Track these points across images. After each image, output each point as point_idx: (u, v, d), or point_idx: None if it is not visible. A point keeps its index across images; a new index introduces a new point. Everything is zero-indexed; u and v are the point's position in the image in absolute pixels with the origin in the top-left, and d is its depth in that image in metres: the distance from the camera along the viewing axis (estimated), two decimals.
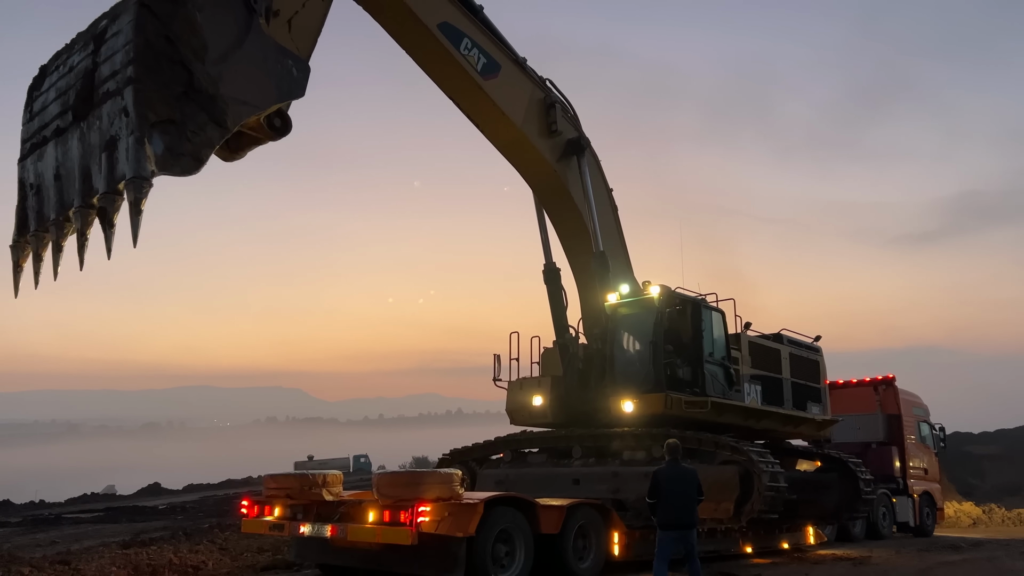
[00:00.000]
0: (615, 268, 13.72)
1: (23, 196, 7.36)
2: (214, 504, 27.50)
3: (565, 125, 13.23)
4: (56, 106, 7.08)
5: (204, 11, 6.78)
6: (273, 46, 7.47)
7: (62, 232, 6.97)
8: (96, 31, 6.91)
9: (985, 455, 50.27)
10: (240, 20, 7.16)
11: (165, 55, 6.47)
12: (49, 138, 7.07)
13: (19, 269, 7.30)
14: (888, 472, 19.69)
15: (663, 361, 12.66)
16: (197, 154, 6.59)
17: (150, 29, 6.43)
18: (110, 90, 6.51)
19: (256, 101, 7.18)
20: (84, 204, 6.69)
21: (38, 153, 7.19)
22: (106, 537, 15.83)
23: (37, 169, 7.22)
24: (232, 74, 6.90)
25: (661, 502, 9.27)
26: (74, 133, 6.83)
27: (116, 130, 6.41)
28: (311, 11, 8.26)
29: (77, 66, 6.94)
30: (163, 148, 6.31)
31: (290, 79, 7.52)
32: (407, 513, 8.65)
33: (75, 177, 6.78)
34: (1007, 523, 27.85)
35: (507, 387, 14.30)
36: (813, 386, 15.92)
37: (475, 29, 11.43)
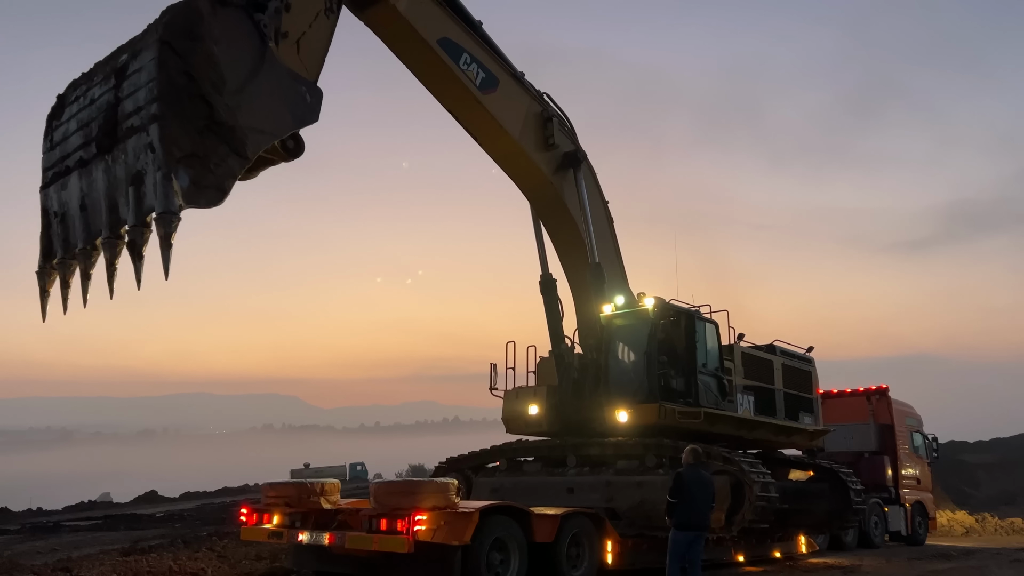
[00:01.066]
0: (610, 279, 13.91)
1: (47, 223, 7.57)
2: (212, 512, 27.52)
3: (562, 138, 13.44)
4: (78, 137, 7.28)
5: (220, 44, 7.01)
6: (286, 73, 7.70)
7: (89, 261, 7.20)
8: (117, 65, 7.10)
9: (980, 464, 50.39)
10: (255, 50, 7.40)
11: (186, 91, 6.71)
12: (72, 168, 7.27)
13: (46, 294, 7.53)
14: (880, 481, 19.84)
15: (657, 372, 12.84)
16: (221, 185, 6.87)
17: (172, 66, 6.67)
18: (134, 125, 6.73)
19: (273, 129, 7.44)
20: (112, 235, 6.95)
21: (61, 183, 7.39)
22: (105, 544, 15.90)
23: (61, 198, 7.42)
24: (249, 104, 7.13)
25: (682, 503, 9.62)
26: (98, 165, 7.03)
27: (142, 165, 6.65)
28: (318, 31, 8.45)
29: (99, 99, 7.14)
30: (189, 182, 6.56)
31: (304, 105, 7.76)
32: (404, 521, 8.81)
33: (102, 208, 7.00)
34: (1000, 532, 27.99)
35: (503, 396, 14.48)
36: (805, 396, 16.10)
37: (474, 44, 11.64)
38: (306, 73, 8.16)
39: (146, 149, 6.60)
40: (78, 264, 7.29)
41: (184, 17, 6.87)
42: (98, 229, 7.05)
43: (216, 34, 6.99)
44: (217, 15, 7.05)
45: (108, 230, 6.96)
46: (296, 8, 8.14)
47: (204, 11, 6.94)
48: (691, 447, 10.18)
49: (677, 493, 9.66)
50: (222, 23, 7.09)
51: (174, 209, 6.52)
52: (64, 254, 7.36)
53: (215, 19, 7.01)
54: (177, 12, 6.90)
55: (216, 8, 7.07)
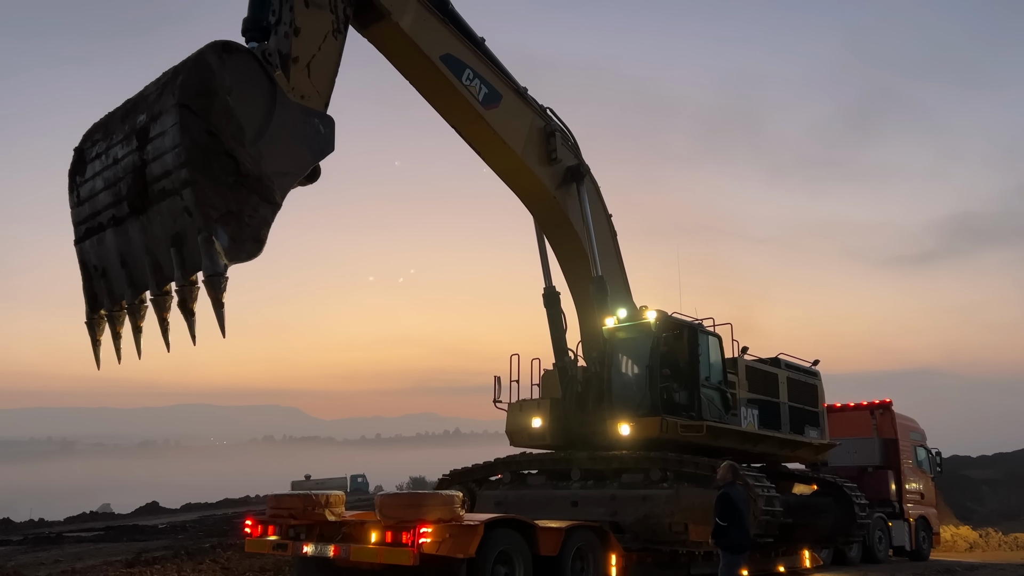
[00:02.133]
0: (613, 292, 13.94)
1: (88, 277, 7.86)
2: (214, 523, 27.49)
3: (565, 153, 13.51)
4: (108, 196, 7.50)
5: (234, 93, 7.17)
6: (298, 110, 7.86)
7: (139, 315, 7.56)
8: (136, 126, 7.23)
9: (984, 479, 50.21)
10: (266, 92, 7.57)
11: (212, 150, 6.92)
12: (106, 225, 7.54)
13: (98, 343, 7.83)
14: (884, 496, 19.79)
15: (659, 385, 12.85)
16: (257, 236, 7.18)
17: (193, 128, 6.85)
18: (166, 188, 6.97)
19: (295, 169, 7.66)
20: (160, 293, 7.28)
21: (97, 238, 7.68)
22: (108, 556, 15.90)
23: (98, 253, 7.72)
24: (270, 149, 7.34)
25: (734, 524, 9.17)
26: (133, 224, 7.31)
27: (181, 227, 6.95)
28: (328, 52, 8.54)
29: (122, 159, 7.31)
30: (228, 240, 6.89)
31: (320, 137, 7.93)
32: (409, 534, 8.82)
33: (145, 266, 7.32)
34: (1004, 547, 27.87)
35: (507, 408, 14.50)
36: (811, 410, 16.09)
37: (476, 60, 11.72)
38: (318, 96, 8.29)
39: (183, 213, 6.87)
40: (128, 317, 7.63)
41: (197, 76, 7.01)
42: (143, 285, 7.38)
43: (228, 84, 7.16)
44: (226, 64, 7.21)
45: (156, 288, 7.28)
46: (305, 31, 8.26)
47: (214, 64, 7.10)
48: (728, 463, 9.74)
49: (729, 515, 9.13)
50: (232, 71, 7.26)
51: (221, 271, 6.82)
52: (112, 307, 7.69)
53: (225, 69, 7.18)
54: (190, 71, 7.04)
55: (224, 57, 7.23)
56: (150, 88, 7.44)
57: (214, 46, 7.23)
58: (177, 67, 7.23)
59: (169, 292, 7.24)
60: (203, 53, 7.12)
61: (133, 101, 7.48)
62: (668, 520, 11.90)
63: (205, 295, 7.02)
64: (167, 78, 7.21)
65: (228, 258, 6.86)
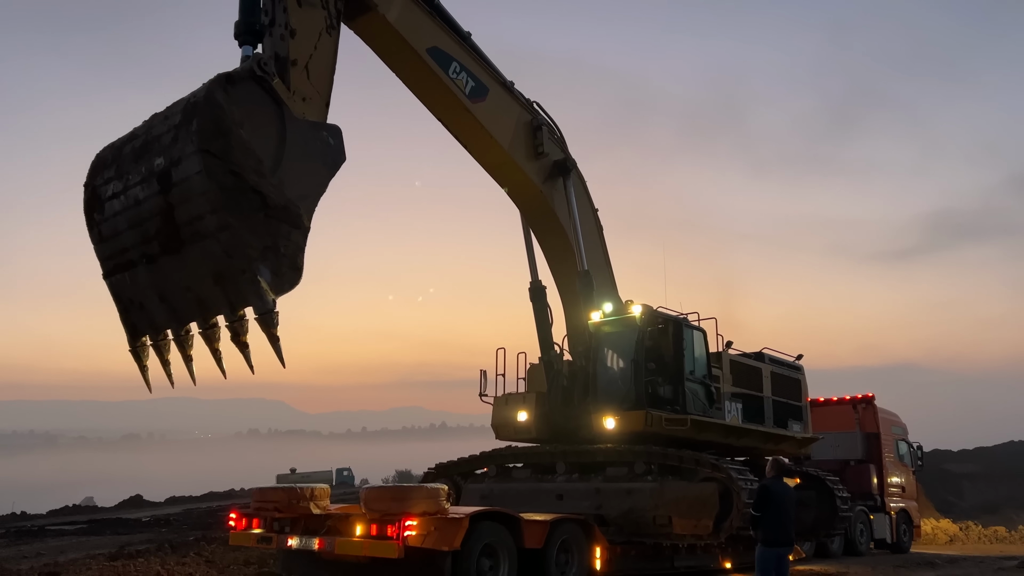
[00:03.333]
0: (599, 287, 14.00)
1: (124, 309, 7.98)
2: (198, 517, 27.38)
3: (552, 147, 13.54)
4: (134, 235, 7.57)
5: (246, 125, 7.23)
6: (306, 126, 7.91)
7: (188, 345, 7.75)
8: (155, 169, 7.24)
9: (964, 473, 50.70)
10: (275, 117, 7.64)
11: (238, 189, 7.03)
12: (137, 262, 7.65)
13: (145, 368, 8.03)
14: (866, 490, 19.98)
15: (644, 379, 12.91)
16: (294, 264, 7.38)
17: (218, 171, 6.93)
18: (200, 231, 7.10)
19: (315, 188, 7.75)
20: (208, 326, 7.49)
21: (129, 274, 7.78)
22: (91, 549, 15.80)
23: (132, 287, 7.82)
24: (289, 174, 7.44)
25: (768, 517, 9.08)
26: (168, 262, 7.40)
27: (222, 268, 7.13)
28: (324, 51, 8.56)
29: (145, 201, 7.36)
30: (270, 275, 7.13)
31: (331, 150, 7.97)
32: (394, 527, 8.83)
33: (186, 301, 7.51)
34: (983, 540, 28.21)
35: (493, 402, 14.53)
36: (794, 404, 16.22)
37: (463, 53, 11.72)
38: (319, 97, 8.33)
39: (223, 255, 7.04)
40: (177, 348, 7.83)
41: (211, 117, 7.04)
42: (187, 317, 7.60)
43: (239, 117, 7.21)
44: (233, 97, 7.25)
45: (204, 322, 7.49)
46: (300, 32, 8.27)
47: (223, 100, 7.13)
48: (774, 458, 9.71)
49: (762, 506, 9.10)
50: (240, 103, 7.31)
51: (271, 307, 7.10)
52: (156, 337, 7.89)
53: (233, 103, 7.22)
54: (203, 114, 7.05)
55: (229, 91, 7.26)
56: (158, 127, 7.43)
57: (219, 81, 7.26)
58: (187, 108, 7.22)
59: (216, 324, 7.45)
60: (211, 91, 7.14)
61: (143, 141, 7.49)
62: (652, 513, 11.99)
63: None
64: (179, 120, 7.20)
65: (273, 292, 7.11)
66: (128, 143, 7.65)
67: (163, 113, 7.52)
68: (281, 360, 7.24)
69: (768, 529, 9.09)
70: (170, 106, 7.51)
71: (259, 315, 7.11)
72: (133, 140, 7.61)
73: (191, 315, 7.59)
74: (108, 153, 7.84)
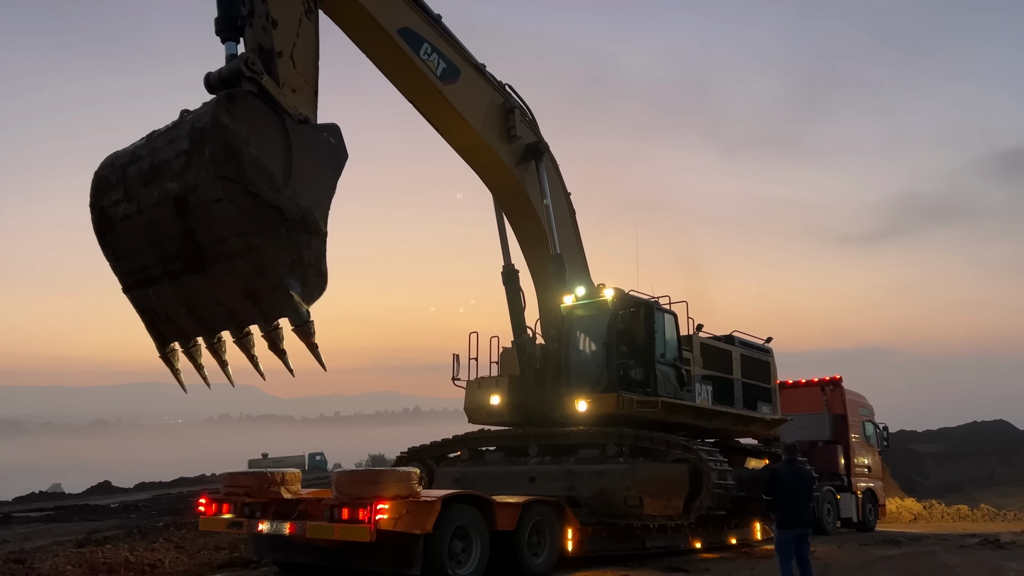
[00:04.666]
0: (572, 270, 14.02)
1: (150, 320, 8.11)
2: (168, 502, 27.17)
3: (524, 130, 13.49)
4: (155, 253, 7.65)
5: (254, 142, 7.27)
6: (308, 131, 7.95)
7: (221, 352, 8.00)
8: (169, 194, 7.28)
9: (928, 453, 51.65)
10: (278, 127, 7.67)
11: (257, 209, 7.17)
12: (159, 278, 7.76)
13: (177, 371, 8.30)
14: (833, 470, 20.30)
15: (616, 362, 12.99)
16: (319, 271, 7.58)
17: (236, 196, 7.05)
18: (225, 252, 7.24)
19: (326, 192, 7.85)
20: (242, 335, 7.69)
21: (153, 289, 7.88)
22: (59, 536, 15.62)
23: (157, 301, 7.93)
24: (300, 183, 7.53)
25: (780, 501, 9.33)
26: (192, 279, 7.53)
27: (253, 286, 7.32)
28: (306, 38, 8.51)
29: (162, 223, 7.43)
30: (299, 287, 7.37)
31: (333, 149, 8.04)
32: (366, 511, 8.83)
33: (218, 314, 7.68)
34: (946, 518, 28.79)
35: (466, 386, 14.53)
36: (763, 386, 16.40)
37: (435, 34, 11.60)
38: (307, 85, 8.31)
39: (252, 274, 7.23)
40: (211, 354, 8.07)
41: (221, 144, 7.07)
42: (217, 327, 7.83)
43: (245, 135, 7.24)
44: (235, 116, 7.24)
45: (237, 332, 7.71)
46: (282, 21, 8.20)
47: (227, 121, 7.14)
48: (788, 443, 10.01)
49: (772, 490, 9.38)
50: (244, 120, 7.32)
51: (306, 318, 7.34)
52: (187, 345, 8.11)
53: (238, 121, 7.23)
54: (213, 140, 7.07)
55: (233, 110, 7.25)
56: (164, 150, 7.40)
57: (221, 102, 7.25)
58: (194, 133, 7.18)
59: (250, 333, 7.68)
60: (216, 115, 7.12)
61: (150, 164, 7.48)
62: (624, 494, 12.09)
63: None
64: (187, 146, 7.19)
65: (305, 302, 7.36)
66: (132, 164, 7.66)
67: (165, 135, 7.51)
68: (322, 365, 7.52)
69: (782, 512, 9.35)
70: (171, 127, 7.51)
71: (296, 327, 7.36)
72: (137, 161, 7.62)
73: (223, 326, 7.81)
74: (111, 174, 7.84)
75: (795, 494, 9.34)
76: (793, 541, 9.30)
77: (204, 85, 8.00)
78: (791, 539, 9.30)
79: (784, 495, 9.34)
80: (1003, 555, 14.12)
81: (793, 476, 9.45)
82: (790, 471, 9.51)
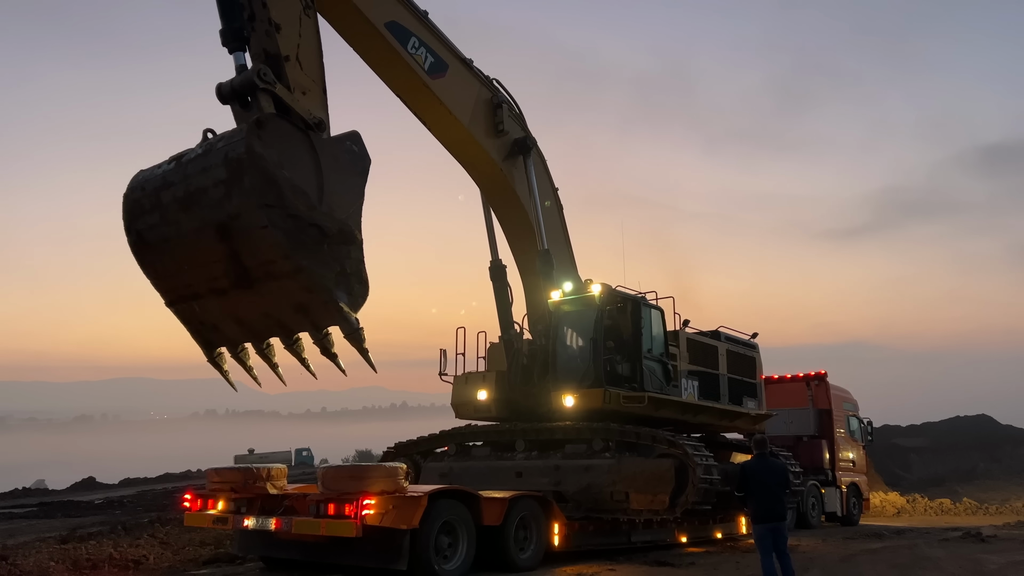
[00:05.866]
0: (559, 266, 14.03)
1: (197, 329, 8.34)
2: (153, 498, 27.02)
3: (512, 125, 13.48)
4: (198, 274, 7.86)
5: (286, 165, 7.41)
6: (332, 143, 8.06)
7: (271, 356, 8.22)
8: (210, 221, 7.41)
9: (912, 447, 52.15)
10: (306, 145, 7.77)
11: (299, 229, 7.38)
12: (204, 294, 7.99)
13: (226, 372, 8.55)
14: (818, 464, 20.46)
15: (603, 357, 13.02)
16: (361, 278, 7.83)
17: (279, 220, 7.24)
18: (272, 272, 7.48)
19: (356, 200, 8.00)
20: (292, 341, 7.99)
21: (197, 303, 8.11)
22: (42, 532, 15.49)
23: (203, 313, 8.15)
24: (333, 196, 7.70)
25: (752, 496, 9.37)
26: (240, 295, 7.76)
27: (303, 299, 7.60)
28: (308, 37, 8.51)
29: (205, 248, 7.59)
30: (346, 297, 7.65)
31: (357, 157, 8.13)
32: (352, 506, 8.81)
33: (267, 324, 7.98)
34: (929, 512, 29.07)
35: (453, 381, 14.53)
36: (749, 381, 16.49)
37: (422, 28, 11.57)
38: (315, 85, 8.37)
39: (301, 291, 7.51)
40: (261, 357, 8.31)
41: (259, 171, 7.19)
42: (268, 335, 8.11)
43: (277, 158, 7.36)
44: (266, 141, 7.33)
45: (288, 339, 8.00)
46: (284, 24, 8.21)
47: (260, 149, 7.23)
48: (755, 437, 10.04)
49: (742, 486, 9.46)
50: (274, 144, 7.42)
51: (356, 326, 7.62)
52: (235, 349, 8.35)
53: (270, 147, 7.33)
54: (251, 170, 7.19)
55: (262, 135, 7.32)
56: (197, 178, 7.46)
57: (251, 130, 7.31)
58: (230, 163, 7.26)
59: (299, 338, 7.98)
60: (250, 145, 7.21)
61: (184, 191, 7.56)
62: (610, 489, 12.12)
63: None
64: (224, 176, 7.28)
65: (352, 311, 7.64)
66: (164, 189, 7.73)
67: (197, 162, 7.55)
68: (372, 367, 7.81)
69: (756, 506, 9.39)
70: (202, 155, 7.56)
71: (347, 335, 7.64)
72: (170, 187, 7.69)
73: (272, 334, 8.08)
74: (142, 198, 7.90)
75: (767, 488, 9.34)
76: (769, 535, 9.33)
77: (216, 96, 8.15)
78: (767, 533, 9.34)
79: (756, 490, 9.35)
80: (984, 548, 14.26)
81: (765, 470, 9.45)
82: (761, 465, 9.51)
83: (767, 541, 9.33)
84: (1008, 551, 13.70)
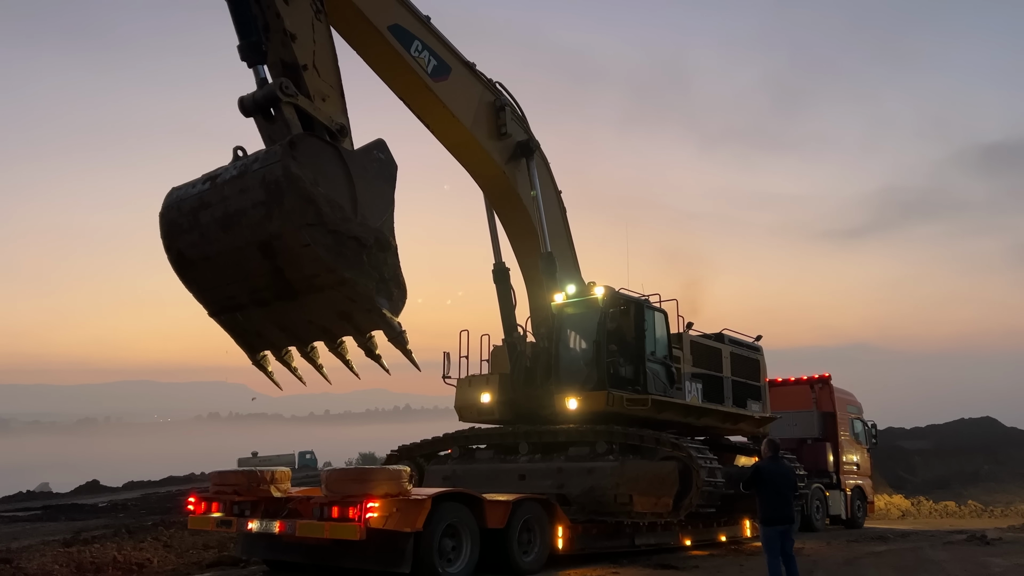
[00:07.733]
0: (562, 268, 14.01)
1: (241, 336, 8.69)
2: (156, 501, 27.07)
3: (515, 127, 13.47)
4: (242, 287, 8.14)
5: (321, 182, 7.55)
6: (360, 154, 8.21)
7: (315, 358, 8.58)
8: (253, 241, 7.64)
9: (916, 450, 52.08)
10: (337, 160, 7.91)
11: (339, 243, 7.62)
12: (247, 305, 8.30)
13: (270, 373, 8.88)
14: (822, 467, 20.43)
15: (606, 360, 12.99)
16: (398, 283, 8.10)
17: (320, 238, 7.47)
18: (316, 285, 7.77)
19: (387, 206, 8.20)
20: (336, 344, 8.32)
21: (240, 313, 8.43)
22: (46, 535, 15.54)
23: (246, 322, 8.48)
24: (366, 207, 7.91)
25: (763, 497, 9.41)
26: (284, 305, 8.07)
27: (346, 307, 7.91)
28: (321, 42, 8.64)
29: (247, 264, 7.83)
30: (387, 302, 7.96)
31: (384, 164, 8.28)
32: (356, 509, 8.81)
33: (312, 331, 8.34)
34: (934, 515, 29.05)
35: (456, 384, 14.51)
36: (753, 384, 16.45)
37: (425, 31, 11.59)
38: (332, 89, 8.53)
39: (345, 300, 7.81)
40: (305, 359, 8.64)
41: (298, 193, 7.36)
42: (312, 340, 8.47)
43: (313, 176, 7.49)
44: (299, 161, 7.44)
45: (332, 343, 8.32)
46: (298, 33, 8.32)
47: (296, 170, 7.36)
48: (768, 440, 10.06)
49: (750, 485, 9.52)
50: (308, 164, 7.53)
51: (398, 329, 7.95)
52: (279, 352, 8.69)
53: (304, 167, 7.46)
54: (290, 192, 7.34)
55: (297, 157, 7.44)
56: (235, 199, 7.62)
57: (286, 152, 7.42)
58: (268, 185, 7.40)
59: (343, 342, 8.29)
60: (287, 167, 7.35)
61: (223, 212, 7.73)
62: (613, 492, 12.10)
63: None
64: (264, 197, 7.43)
65: (394, 315, 7.93)
66: (202, 209, 7.91)
67: (233, 184, 7.69)
68: (416, 366, 8.22)
69: (765, 508, 9.43)
70: (237, 176, 7.69)
71: (391, 339, 7.95)
72: (208, 208, 7.85)
73: (316, 339, 8.41)
74: (179, 218, 8.07)
75: (778, 491, 9.40)
76: (778, 537, 9.38)
77: (239, 109, 8.28)
78: (776, 535, 9.39)
79: (767, 492, 9.40)
80: (989, 551, 14.22)
81: (776, 473, 9.51)
82: (773, 468, 9.56)
83: (775, 543, 9.37)
84: (1013, 554, 13.66)
